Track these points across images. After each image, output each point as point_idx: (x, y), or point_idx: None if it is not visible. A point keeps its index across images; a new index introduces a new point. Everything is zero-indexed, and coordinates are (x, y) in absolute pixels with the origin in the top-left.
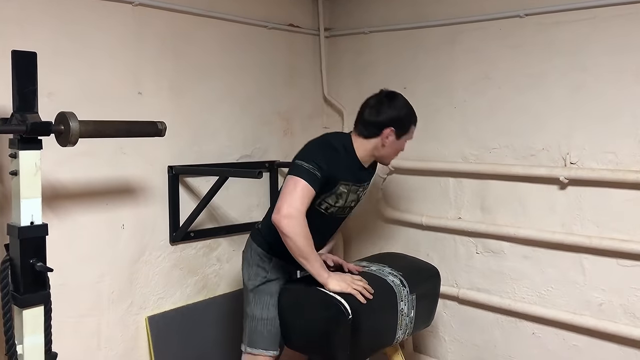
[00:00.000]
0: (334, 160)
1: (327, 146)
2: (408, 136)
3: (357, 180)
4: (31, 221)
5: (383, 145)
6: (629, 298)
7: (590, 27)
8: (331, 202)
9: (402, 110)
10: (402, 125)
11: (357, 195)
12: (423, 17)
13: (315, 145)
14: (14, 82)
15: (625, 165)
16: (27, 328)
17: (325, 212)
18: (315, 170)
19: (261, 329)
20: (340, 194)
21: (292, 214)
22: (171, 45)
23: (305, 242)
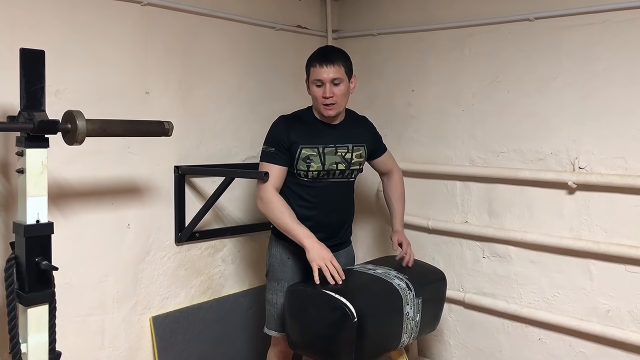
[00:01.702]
0: (280, 130)
1: (276, 121)
2: (311, 79)
3: (326, 140)
4: (37, 219)
5: (310, 94)
6: (636, 305)
7: (600, 31)
8: (303, 167)
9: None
10: (306, 71)
11: (342, 156)
12: (432, 20)
13: (273, 123)
14: (22, 80)
15: (635, 170)
16: (31, 327)
17: (305, 177)
18: (269, 147)
19: (272, 312)
20: (307, 157)
21: (261, 197)
22: (179, 45)
23: (279, 216)
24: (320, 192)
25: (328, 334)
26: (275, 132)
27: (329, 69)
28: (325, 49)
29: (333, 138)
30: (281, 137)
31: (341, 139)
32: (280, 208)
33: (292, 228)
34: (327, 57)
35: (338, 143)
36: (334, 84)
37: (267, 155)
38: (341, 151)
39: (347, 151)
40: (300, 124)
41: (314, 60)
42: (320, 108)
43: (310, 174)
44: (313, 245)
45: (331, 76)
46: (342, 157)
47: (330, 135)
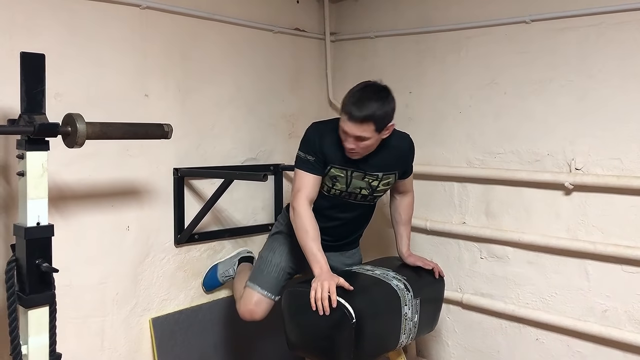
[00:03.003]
0: (316, 141)
1: (313, 129)
2: (340, 123)
3: (357, 166)
4: (37, 222)
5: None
6: (633, 305)
7: (596, 34)
8: (329, 183)
9: (347, 94)
10: (340, 108)
11: (368, 183)
12: (429, 22)
13: (308, 129)
14: (22, 84)
15: (631, 171)
16: (32, 328)
17: (327, 193)
18: (307, 155)
19: (262, 267)
20: (334, 177)
21: (294, 207)
22: (178, 48)
23: (303, 234)
24: (338, 208)
25: (327, 335)
26: (312, 142)
27: (355, 127)
28: (361, 101)
29: (364, 165)
30: (317, 149)
31: (372, 167)
32: (306, 227)
33: (310, 251)
34: (358, 115)
35: (368, 171)
36: (358, 139)
37: (306, 163)
38: (369, 178)
39: (375, 179)
40: (333, 143)
41: (346, 107)
42: (345, 149)
43: (333, 191)
44: (321, 274)
45: (356, 134)
46: (368, 184)
47: (361, 162)
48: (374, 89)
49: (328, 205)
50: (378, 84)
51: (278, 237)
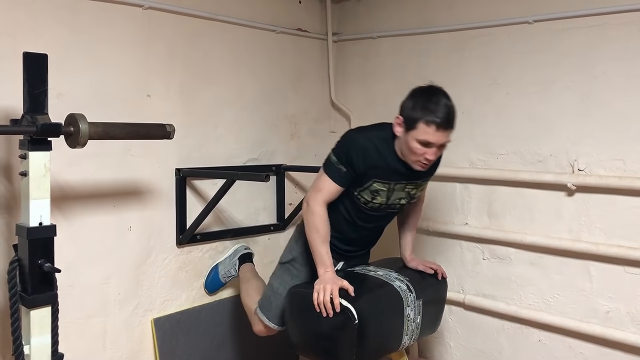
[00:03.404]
0: (358, 156)
1: (356, 140)
2: (417, 134)
3: (399, 178)
4: (40, 222)
5: (396, 136)
6: (636, 306)
7: (599, 34)
8: (367, 197)
9: (414, 100)
10: (408, 117)
11: (408, 193)
12: (432, 23)
13: (350, 138)
14: (25, 84)
15: (634, 172)
16: (34, 328)
17: (364, 205)
18: (340, 164)
19: (271, 299)
20: (376, 191)
21: (309, 204)
22: (180, 49)
23: (313, 232)
24: (371, 218)
25: (329, 335)
26: (353, 155)
27: (443, 136)
28: (447, 110)
29: (407, 176)
30: (357, 163)
31: (414, 176)
32: (318, 226)
33: (318, 251)
34: (446, 122)
35: (409, 180)
36: (440, 147)
37: (336, 172)
38: (409, 188)
39: (414, 188)
40: (379, 158)
41: (429, 117)
42: (413, 163)
43: (371, 204)
44: (325, 276)
45: (443, 141)
46: (407, 194)
47: (405, 174)
48: (440, 90)
49: (360, 216)
50: (433, 85)
51: (291, 268)
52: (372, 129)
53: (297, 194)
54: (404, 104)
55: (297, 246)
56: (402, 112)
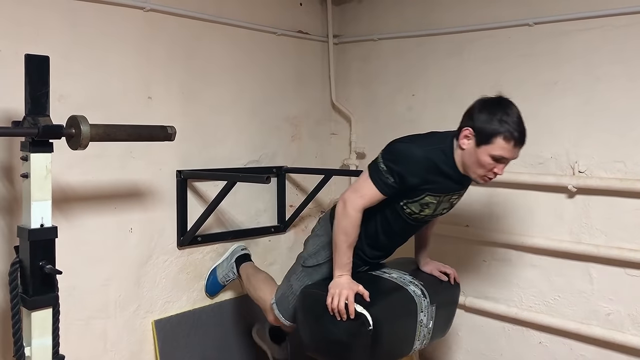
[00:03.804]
0: (415, 172)
1: (416, 156)
2: (492, 149)
3: (450, 190)
4: (41, 223)
5: (462, 148)
6: (637, 308)
7: (600, 36)
8: (415, 209)
9: (490, 114)
10: (482, 131)
11: (450, 203)
12: (433, 25)
13: (408, 152)
14: (27, 86)
15: (634, 174)
16: (35, 330)
17: (409, 216)
18: (388, 174)
19: (290, 300)
20: (426, 204)
21: (346, 206)
22: (182, 51)
23: (341, 234)
24: (409, 227)
25: (342, 339)
26: (408, 170)
27: (519, 150)
28: (521, 122)
29: (457, 186)
30: (411, 180)
31: (461, 186)
32: (349, 230)
33: (341, 254)
34: (525, 137)
35: (457, 191)
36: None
37: (383, 181)
38: (454, 198)
39: (457, 197)
40: (439, 175)
41: (509, 132)
42: (477, 177)
43: (415, 215)
44: (340, 277)
45: (516, 157)
46: (451, 204)
47: (456, 185)
48: (513, 104)
49: (400, 225)
50: (504, 97)
51: (314, 273)
52: (429, 141)
53: (297, 195)
54: (476, 116)
55: (324, 252)
56: (474, 125)
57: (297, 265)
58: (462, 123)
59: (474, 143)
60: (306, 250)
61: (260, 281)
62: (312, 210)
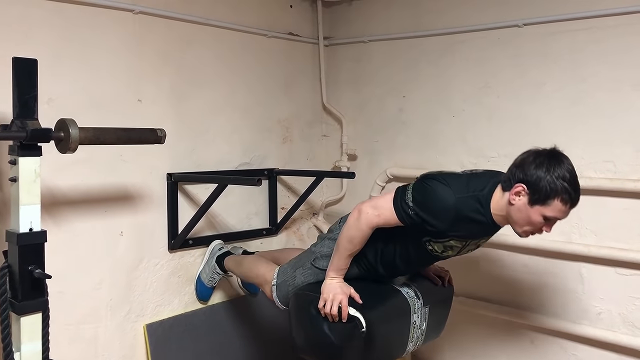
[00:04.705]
0: (448, 223)
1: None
2: (546, 210)
3: (478, 235)
4: (30, 228)
5: (511, 203)
6: (627, 307)
7: (587, 38)
8: (438, 249)
9: (549, 173)
10: (539, 190)
11: (477, 245)
12: (422, 27)
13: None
14: (15, 89)
15: (624, 174)
16: (24, 335)
17: (431, 252)
18: (412, 209)
19: (290, 289)
20: (450, 246)
21: (361, 227)
22: (171, 53)
23: (346, 242)
24: (429, 259)
25: (335, 342)
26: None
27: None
28: (579, 185)
29: (486, 232)
30: (437, 226)
31: (492, 232)
32: (356, 241)
33: (340, 259)
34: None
35: (486, 235)
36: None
37: (405, 213)
38: (482, 241)
39: (486, 239)
40: (469, 225)
41: (569, 196)
42: (521, 232)
43: (436, 253)
44: (333, 280)
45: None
46: (477, 246)
47: (486, 231)
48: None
49: (423, 259)
50: (560, 152)
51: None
52: (466, 185)
53: (289, 197)
54: (530, 171)
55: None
56: (528, 182)
57: (307, 259)
58: (512, 175)
59: (527, 201)
60: (320, 249)
61: (252, 262)
62: (303, 212)
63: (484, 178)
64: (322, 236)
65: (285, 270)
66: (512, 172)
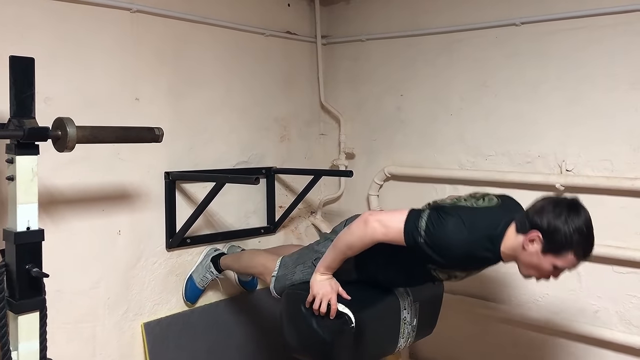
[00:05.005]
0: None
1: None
2: (558, 261)
3: (483, 268)
4: (27, 226)
5: (524, 248)
6: (624, 305)
7: (585, 36)
8: (442, 276)
9: (566, 225)
10: (554, 240)
11: (480, 271)
12: (420, 25)
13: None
14: (12, 88)
15: (621, 172)
16: (22, 334)
17: (434, 277)
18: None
19: (287, 284)
20: (455, 275)
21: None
22: (169, 52)
23: (344, 247)
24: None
25: (325, 338)
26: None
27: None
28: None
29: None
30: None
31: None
32: (355, 248)
33: (335, 258)
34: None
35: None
36: None
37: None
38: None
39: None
40: (477, 261)
41: (584, 252)
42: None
43: (438, 279)
44: (323, 276)
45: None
46: (480, 272)
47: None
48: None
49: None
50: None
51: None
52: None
53: (287, 196)
54: (548, 221)
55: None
56: (544, 230)
57: (309, 257)
58: (530, 220)
59: (540, 249)
60: (323, 250)
61: (252, 252)
62: (301, 211)
63: (499, 212)
64: (327, 236)
65: (287, 263)
66: (530, 217)
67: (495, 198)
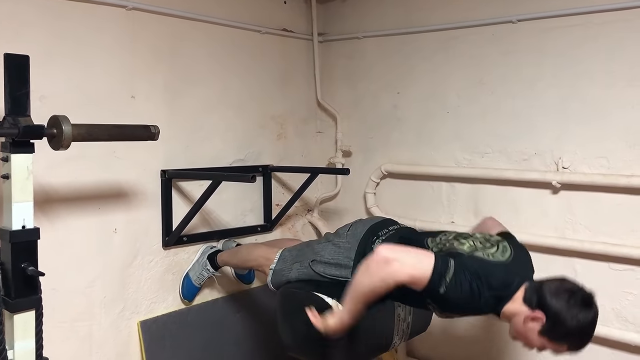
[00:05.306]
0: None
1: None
2: (550, 345)
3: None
4: (23, 225)
5: (524, 322)
6: (620, 302)
7: (582, 33)
8: (437, 313)
9: (573, 320)
10: (555, 330)
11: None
12: (417, 23)
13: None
14: (6, 86)
15: (617, 169)
16: (17, 333)
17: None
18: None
19: (283, 280)
20: (451, 316)
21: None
22: (165, 49)
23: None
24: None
25: (320, 336)
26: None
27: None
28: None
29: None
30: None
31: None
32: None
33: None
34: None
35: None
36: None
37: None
38: None
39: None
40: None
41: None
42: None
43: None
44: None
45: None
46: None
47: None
48: (596, 309)
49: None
50: (594, 301)
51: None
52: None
53: (284, 194)
54: (559, 310)
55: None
56: (549, 315)
57: (307, 256)
58: (541, 298)
59: (539, 329)
60: (322, 254)
61: (250, 246)
62: (298, 208)
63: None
64: (329, 238)
65: (286, 258)
66: (541, 294)
67: (509, 248)
